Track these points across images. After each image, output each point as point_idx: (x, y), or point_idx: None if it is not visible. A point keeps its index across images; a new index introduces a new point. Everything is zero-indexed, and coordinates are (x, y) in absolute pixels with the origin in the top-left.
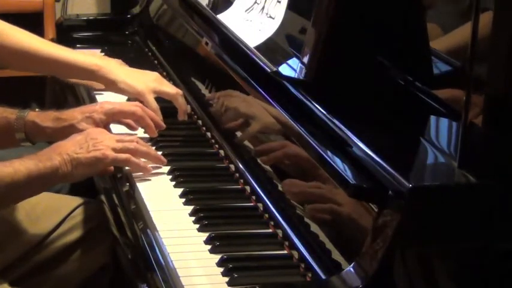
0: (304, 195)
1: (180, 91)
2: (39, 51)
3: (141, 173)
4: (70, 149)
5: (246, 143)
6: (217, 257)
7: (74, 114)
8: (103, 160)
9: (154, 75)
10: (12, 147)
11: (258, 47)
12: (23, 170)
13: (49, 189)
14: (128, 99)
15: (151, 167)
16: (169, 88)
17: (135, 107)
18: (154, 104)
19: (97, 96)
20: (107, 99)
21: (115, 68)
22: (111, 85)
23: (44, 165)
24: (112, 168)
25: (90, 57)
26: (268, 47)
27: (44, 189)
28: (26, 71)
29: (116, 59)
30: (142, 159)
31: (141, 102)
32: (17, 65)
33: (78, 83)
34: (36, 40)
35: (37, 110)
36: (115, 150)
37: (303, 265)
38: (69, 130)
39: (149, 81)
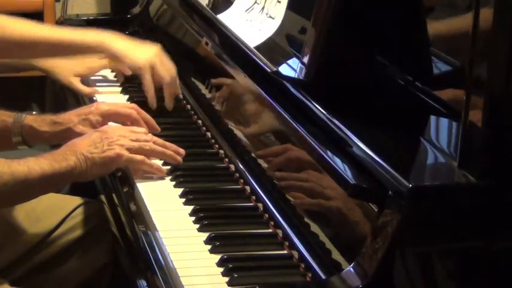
0: (304, 195)
1: (174, 75)
2: (39, 37)
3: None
4: (85, 148)
5: (246, 143)
6: (217, 257)
7: (71, 117)
8: (117, 160)
9: (156, 49)
10: (9, 150)
11: (258, 47)
12: (38, 169)
13: (52, 192)
14: (129, 99)
15: None
16: (164, 72)
17: (130, 109)
18: (149, 81)
19: (97, 96)
20: (106, 99)
21: (117, 41)
22: (113, 58)
23: (59, 165)
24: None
25: (91, 33)
26: (268, 47)
27: (58, 188)
28: (29, 58)
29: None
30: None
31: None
32: (19, 54)
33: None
34: (34, 26)
35: (34, 113)
36: (130, 150)
37: (303, 265)
38: (67, 134)
39: (151, 56)
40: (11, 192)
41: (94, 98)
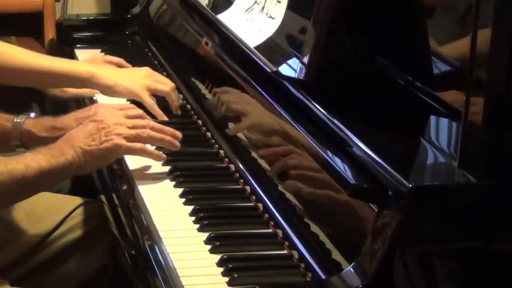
0: (304, 195)
1: (173, 85)
2: (31, 65)
3: (141, 173)
4: (82, 141)
5: (246, 143)
6: (217, 257)
7: (69, 122)
8: (116, 151)
9: (146, 70)
10: (7, 152)
11: (258, 47)
12: (35, 166)
13: (50, 188)
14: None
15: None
16: (162, 85)
17: None
18: (149, 100)
19: (97, 96)
20: (106, 99)
21: (107, 73)
22: (107, 90)
23: (57, 160)
24: None
25: (82, 65)
26: (268, 47)
27: (58, 183)
28: (19, 85)
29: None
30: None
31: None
32: (9, 81)
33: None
34: (26, 54)
35: (33, 114)
36: (128, 139)
37: (303, 265)
38: None
39: (142, 79)
40: (8, 191)
41: (94, 98)
